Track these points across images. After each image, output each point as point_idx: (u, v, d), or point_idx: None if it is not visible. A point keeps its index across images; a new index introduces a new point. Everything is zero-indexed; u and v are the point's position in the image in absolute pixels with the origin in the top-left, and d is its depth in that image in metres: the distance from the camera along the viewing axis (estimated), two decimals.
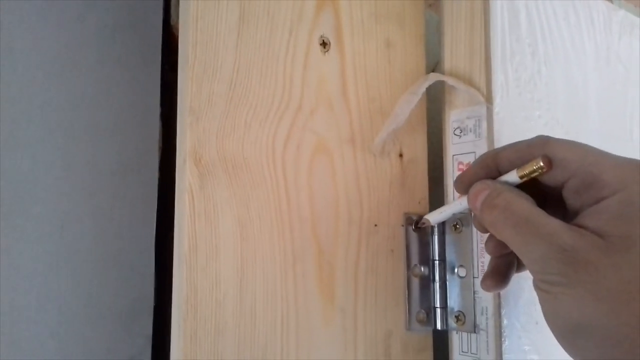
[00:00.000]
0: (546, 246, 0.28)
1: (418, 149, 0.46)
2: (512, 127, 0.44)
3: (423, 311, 0.44)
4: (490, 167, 0.34)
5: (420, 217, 0.45)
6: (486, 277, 0.36)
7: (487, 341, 0.41)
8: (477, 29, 0.43)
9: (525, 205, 0.31)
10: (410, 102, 0.43)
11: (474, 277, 0.42)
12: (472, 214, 0.36)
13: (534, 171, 0.31)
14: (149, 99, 0.47)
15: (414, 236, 0.45)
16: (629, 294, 0.26)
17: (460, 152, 0.44)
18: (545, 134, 0.46)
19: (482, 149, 0.42)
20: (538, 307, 0.44)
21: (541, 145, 0.32)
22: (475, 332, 0.42)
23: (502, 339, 0.41)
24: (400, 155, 0.45)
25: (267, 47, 0.40)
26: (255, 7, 0.40)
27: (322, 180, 0.42)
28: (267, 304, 0.38)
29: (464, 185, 0.35)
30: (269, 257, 0.39)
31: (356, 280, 0.42)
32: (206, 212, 0.37)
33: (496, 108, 0.42)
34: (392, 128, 0.43)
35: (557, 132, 0.47)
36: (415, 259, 0.45)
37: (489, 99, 0.42)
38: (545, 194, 0.33)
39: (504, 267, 0.36)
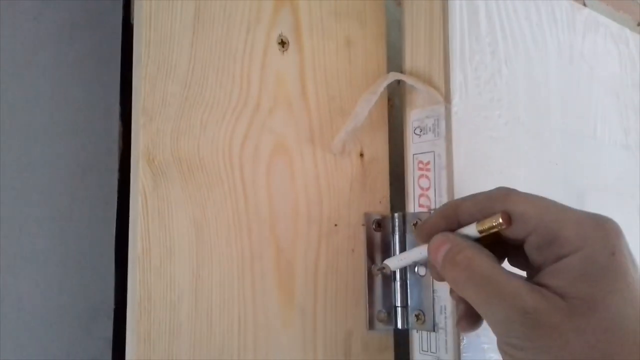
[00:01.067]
0: (508, 308, 0.28)
1: (379, 148, 0.46)
2: (472, 127, 0.44)
3: (384, 310, 0.44)
4: (451, 218, 0.34)
5: (382, 217, 0.45)
6: (460, 319, 0.35)
7: (446, 340, 0.42)
8: (436, 29, 0.43)
9: (486, 263, 0.30)
10: (369, 101, 0.43)
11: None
12: (429, 261, 0.36)
13: (493, 227, 0.31)
14: (108, 98, 0.47)
15: (375, 236, 0.45)
16: (592, 359, 0.26)
17: (420, 152, 0.44)
18: (506, 132, 0.47)
19: (441, 147, 0.43)
20: None
21: (501, 199, 0.31)
22: (434, 330, 0.42)
23: (461, 338, 0.41)
24: (361, 155, 0.45)
25: (223, 46, 0.40)
26: (211, 6, 0.39)
27: (281, 180, 0.41)
28: (224, 305, 0.38)
29: (425, 235, 0.35)
30: (225, 258, 0.39)
31: (316, 280, 0.42)
32: (160, 213, 0.36)
33: (454, 107, 0.42)
34: (352, 127, 0.43)
35: (518, 131, 0.48)
36: (376, 258, 0.45)
37: (447, 99, 0.42)
38: (507, 247, 0.32)
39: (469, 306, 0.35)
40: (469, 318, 0.34)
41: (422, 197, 0.44)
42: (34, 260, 0.43)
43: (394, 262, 0.42)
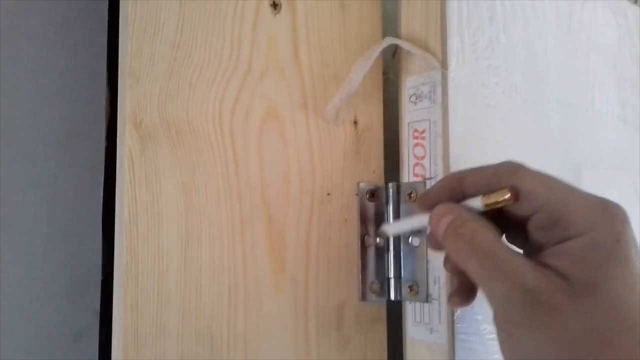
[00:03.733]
0: (510, 284, 0.28)
1: (373, 116, 0.45)
2: (468, 94, 0.43)
3: (377, 282, 0.44)
4: (455, 189, 0.33)
5: (376, 187, 0.44)
6: (453, 294, 0.34)
7: (440, 310, 0.41)
8: None
9: (490, 238, 0.29)
10: (364, 67, 0.42)
11: (427, 247, 0.42)
12: (428, 231, 0.35)
13: (500, 202, 0.30)
14: (95, 63, 0.45)
15: (368, 206, 0.44)
16: (590, 343, 0.26)
17: (416, 120, 0.43)
18: (503, 101, 0.46)
19: (437, 115, 0.41)
20: None
21: (509, 174, 0.30)
22: (428, 301, 0.42)
23: (454, 309, 0.41)
24: (355, 123, 0.44)
25: (213, 5, 0.38)
26: None
27: (273, 146, 0.40)
28: (214, 273, 0.37)
29: (428, 204, 0.34)
30: (215, 226, 0.38)
31: (308, 249, 0.41)
32: (147, 178, 0.35)
33: (451, 74, 0.41)
34: (345, 93, 0.42)
35: (516, 100, 0.47)
36: (369, 229, 0.44)
37: (444, 64, 0.41)
38: (508, 222, 0.32)
39: (469, 283, 0.34)
40: (462, 293, 0.34)
41: (417, 167, 0.43)
42: (19, 230, 0.42)
43: (392, 228, 0.41)
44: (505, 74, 0.46)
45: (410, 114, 0.43)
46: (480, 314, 0.42)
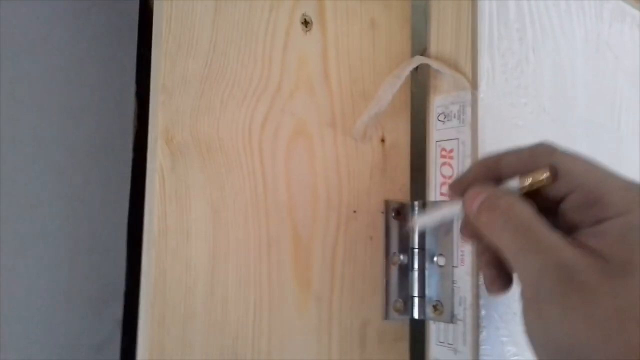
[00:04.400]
0: (544, 260, 0.27)
1: (400, 134, 0.45)
2: (497, 114, 0.43)
3: (401, 300, 0.44)
4: (489, 172, 0.33)
5: (402, 205, 0.44)
6: (490, 283, 0.34)
7: (465, 331, 0.41)
8: (465, 12, 0.42)
9: (527, 211, 0.29)
10: (393, 86, 0.42)
11: (453, 266, 0.42)
12: (460, 222, 0.35)
13: (540, 182, 0.30)
14: (124, 77, 0.45)
15: (393, 223, 0.44)
16: (623, 323, 0.25)
17: (444, 139, 0.43)
18: (531, 121, 0.45)
19: (465, 135, 0.41)
20: (517, 297, 0.43)
21: (547, 155, 0.30)
22: (452, 322, 0.41)
23: (480, 330, 0.40)
24: (382, 141, 0.44)
25: (245, 24, 0.38)
26: None
27: (301, 164, 0.40)
28: (240, 290, 0.37)
29: (460, 189, 0.33)
30: (242, 243, 0.38)
31: (333, 267, 0.41)
32: (177, 194, 0.35)
33: (481, 94, 0.41)
34: (374, 112, 0.42)
35: (544, 120, 0.46)
36: (394, 246, 0.44)
37: (474, 85, 0.41)
38: (540, 204, 0.31)
39: (501, 269, 0.34)
40: (498, 280, 0.33)
41: (444, 186, 0.43)
42: (45, 241, 0.42)
43: (422, 220, 0.40)
44: (534, 94, 0.45)
45: (438, 133, 0.43)
46: (506, 335, 0.42)
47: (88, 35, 0.45)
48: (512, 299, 0.43)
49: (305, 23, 0.41)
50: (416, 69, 0.45)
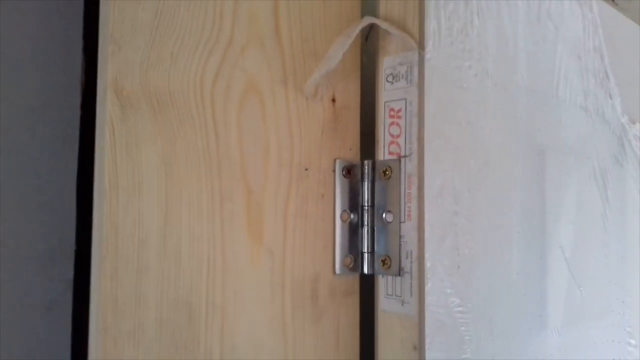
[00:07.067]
0: None
1: (351, 94, 0.46)
2: (443, 76, 0.44)
3: (351, 256, 0.45)
4: None
5: (352, 164, 0.45)
6: None
7: (411, 283, 0.43)
8: None
9: None
10: (343, 45, 0.42)
11: (400, 222, 0.43)
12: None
13: None
14: (70, 30, 0.44)
15: (344, 182, 0.45)
16: None
17: (392, 99, 0.44)
18: (475, 84, 0.47)
19: (413, 95, 0.43)
20: (461, 251, 0.45)
21: None
22: (400, 275, 0.43)
23: (425, 282, 0.42)
24: (333, 100, 0.45)
25: None
26: None
27: (253, 120, 0.41)
28: (193, 243, 0.38)
29: None
30: (195, 197, 0.38)
31: (285, 222, 0.42)
32: (128, 146, 0.35)
33: (428, 55, 0.43)
34: (325, 70, 0.43)
35: (486, 83, 0.48)
36: (344, 204, 0.45)
37: (421, 45, 0.42)
38: None
39: None
40: None
41: (392, 145, 0.44)
42: None
43: None
44: (478, 58, 0.47)
45: (386, 93, 0.44)
46: (450, 287, 0.44)
47: None
48: (455, 252, 0.45)
49: None
50: (366, 38, 0.46)
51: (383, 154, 0.45)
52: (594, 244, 0.62)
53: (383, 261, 0.44)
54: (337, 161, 0.45)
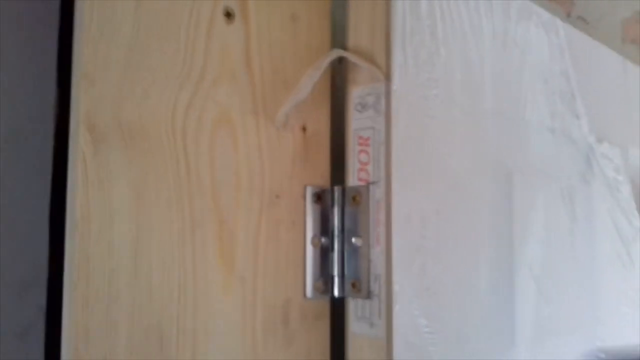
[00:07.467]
0: None
1: (321, 123, 0.47)
2: (410, 105, 0.46)
3: (322, 279, 0.46)
4: None
5: (322, 190, 0.47)
6: None
7: (380, 306, 0.44)
8: (380, 9, 0.44)
9: None
10: (313, 77, 0.44)
11: (369, 247, 0.44)
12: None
13: None
14: (44, 63, 0.45)
15: (315, 208, 0.46)
16: None
17: (361, 127, 0.45)
18: (442, 112, 0.49)
19: (380, 124, 0.44)
20: (429, 274, 0.47)
21: None
22: (369, 297, 0.44)
23: (393, 304, 0.44)
24: (304, 129, 0.46)
25: (168, 13, 0.39)
26: None
27: (224, 150, 0.42)
28: (164, 272, 0.39)
29: None
30: (166, 226, 0.39)
31: (256, 249, 0.43)
32: (99, 179, 0.36)
33: (394, 86, 0.44)
34: (295, 101, 0.44)
35: (454, 111, 0.50)
36: (315, 229, 0.46)
37: (388, 77, 0.44)
38: None
39: None
40: None
41: (362, 172, 0.46)
42: None
43: None
44: (444, 86, 0.49)
45: (355, 122, 0.46)
46: (417, 309, 0.45)
47: (8, 18, 0.44)
48: (425, 275, 0.46)
49: (228, 15, 0.42)
50: (340, 60, 0.48)
51: (353, 180, 0.46)
52: (563, 262, 0.64)
53: (353, 284, 0.45)
54: (308, 188, 0.46)
